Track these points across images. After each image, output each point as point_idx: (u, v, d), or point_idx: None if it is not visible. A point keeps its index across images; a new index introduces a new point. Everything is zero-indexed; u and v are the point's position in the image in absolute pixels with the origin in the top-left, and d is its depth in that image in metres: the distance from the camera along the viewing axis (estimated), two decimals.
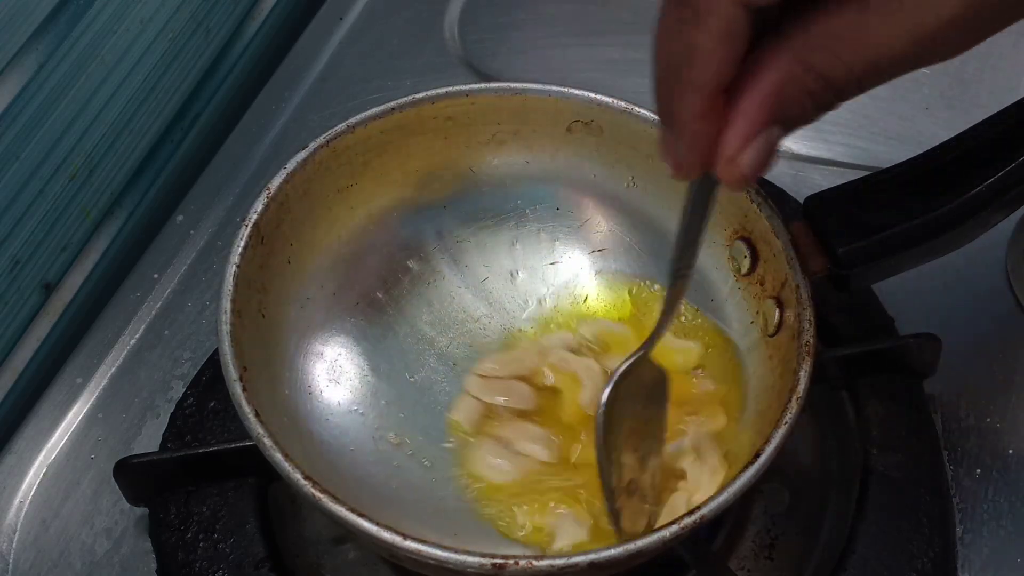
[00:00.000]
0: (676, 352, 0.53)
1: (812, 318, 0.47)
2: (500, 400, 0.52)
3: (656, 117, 0.38)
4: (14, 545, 0.55)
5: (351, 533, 0.42)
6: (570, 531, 0.48)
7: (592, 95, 0.54)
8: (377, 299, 0.54)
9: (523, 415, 0.52)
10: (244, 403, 0.44)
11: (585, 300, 0.56)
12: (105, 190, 0.65)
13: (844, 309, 0.58)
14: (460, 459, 0.51)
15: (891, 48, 0.34)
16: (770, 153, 0.36)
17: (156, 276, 0.65)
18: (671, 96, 0.36)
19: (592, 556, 0.40)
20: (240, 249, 0.48)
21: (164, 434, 0.56)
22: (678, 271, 0.44)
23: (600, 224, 0.57)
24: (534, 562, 0.40)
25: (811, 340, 0.46)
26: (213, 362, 0.58)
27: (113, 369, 0.61)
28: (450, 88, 0.54)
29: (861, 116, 0.72)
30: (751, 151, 0.36)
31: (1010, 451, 0.56)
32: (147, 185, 0.70)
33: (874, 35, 0.34)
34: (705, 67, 0.34)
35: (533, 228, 0.57)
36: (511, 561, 0.40)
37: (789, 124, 0.36)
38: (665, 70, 0.36)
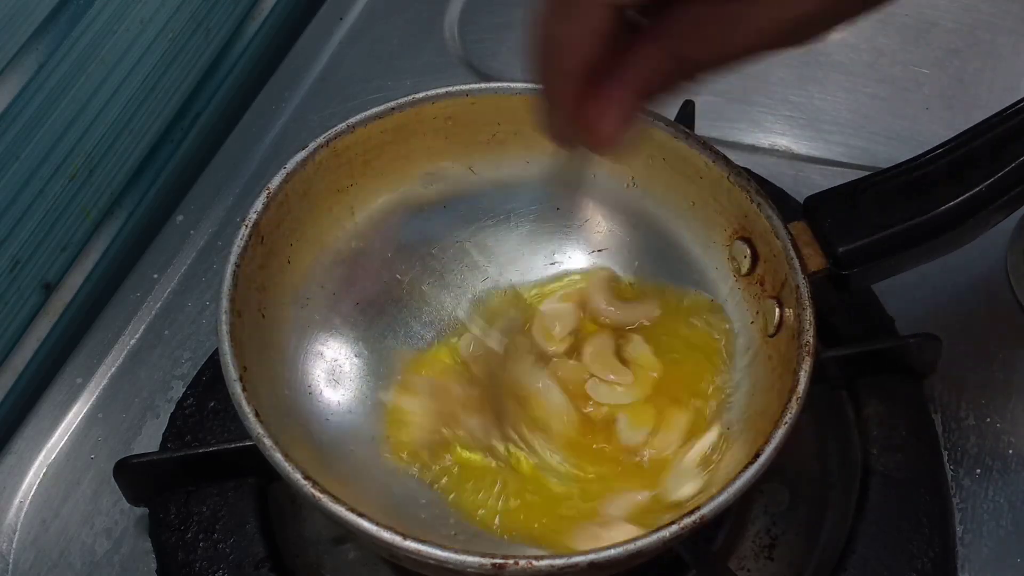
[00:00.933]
0: None
1: (812, 318, 0.47)
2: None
3: (654, 117, 0.38)
4: (14, 545, 0.55)
5: (351, 533, 0.42)
6: None
7: None
8: (377, 299, 0.54)
9: None
10: (244, 403, 0.44)
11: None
12: (105, 190, 0.65)
13: (844, 309, 0.58)
14: None
15: (760, 33, 0.37)
16: (634, 126, 0.41)
17: (156, 276, 0.65)
18: (547, 79, 0.40)
19: (592, 556, 0.40)
20: (240, 249, 0.48)
21: (164, 434, 0.56)
22: None
23: (600, 224, 0.57)
24: (534, 562, 0.40)
25: (811, 340, 0.46)
26: (213, 362, 0.58)
27: (113, 369, 0.61)
28: (450, 88, 0.54)
29: (861, 116, 0.72)
30: (620, 129, 0.41)
31: (1010, 451, 0.56)
32: (147, 185, 0.70)
33: (743, 23, 0.37)
34: (575, 56, 0.38)
35: (533, 228, 0.57)
36: (511, 561, 0.40)
37: (654, 100, 0.41)
38: (541, 56, 0.39)
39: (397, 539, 0.40)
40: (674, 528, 0.41)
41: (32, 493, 0.56)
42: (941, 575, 0.51)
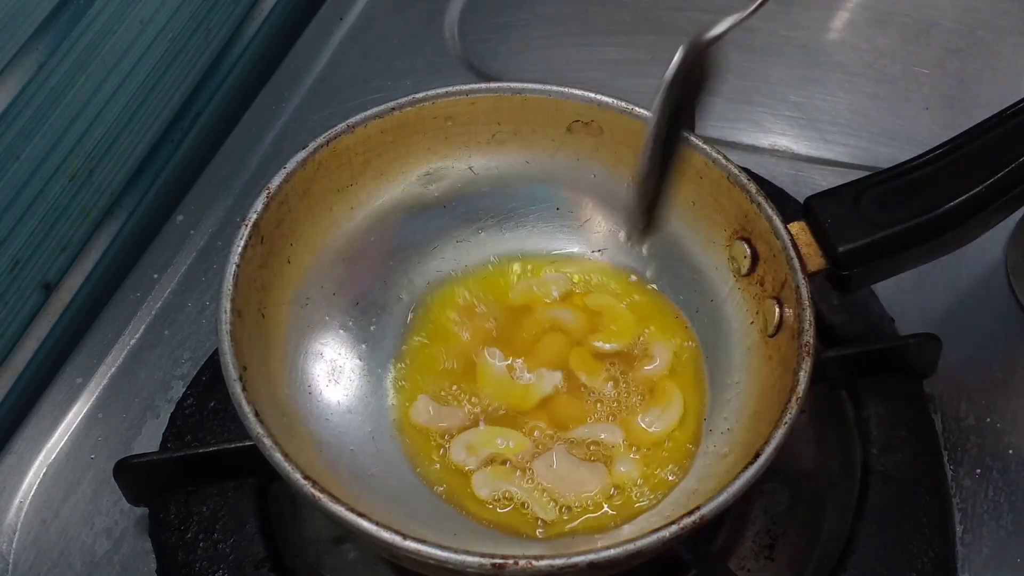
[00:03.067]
0: None
1: (812, 318, 0.47)
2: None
3: None
4: (14, 545, 0.55)
5: (351, 533, 0.42)
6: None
7: (592, 95, 0.54)
8: (377, 299, 0.54)
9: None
10: (244, 403, 0.44)
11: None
12: (105, 190, 0.66)
13: (844, 309, 0.58)
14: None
15: None
16: None
17: (156, 276, 0.65)
18: None
19: (592, 556, 0.40)
20: (240, 249, 0.48)
21: (164, 434, 0.56)
22: None
23: (600, 224, 0.57)
24: (534, 562, 0.40)
25: (811, 340, 0.46)
26: (213, 362, 0.58)
27: (113, 369, 0.61)
28: (450, 88, 0.54)
29: (861, 116, 0.72)
30: None
31: (1010, 451, 0.56)
32: (147, 185, 0.70)
33: None
34: None
35: (533, 228, 0.57)
36: (511, 561, 0.40)
37: None
38: None
39: (397, 539, 0.40)
40: (674, 528, 0.41)
41: (32, 493, 0.56)
42: (941, 575, 0.51)
